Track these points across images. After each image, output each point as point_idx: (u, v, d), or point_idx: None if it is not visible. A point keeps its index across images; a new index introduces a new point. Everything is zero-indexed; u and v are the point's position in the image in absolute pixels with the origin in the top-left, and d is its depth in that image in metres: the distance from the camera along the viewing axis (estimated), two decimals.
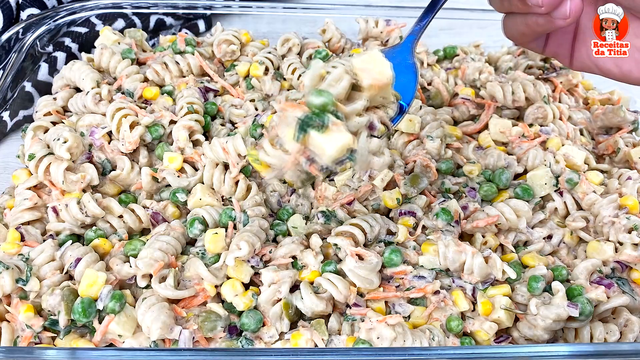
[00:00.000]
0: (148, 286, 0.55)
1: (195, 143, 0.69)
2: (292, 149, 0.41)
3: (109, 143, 0.67)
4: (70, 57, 0.82)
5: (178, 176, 0.65)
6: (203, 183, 0.65)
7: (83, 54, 0.81)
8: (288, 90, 0.80)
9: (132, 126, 0.66)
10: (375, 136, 0.45)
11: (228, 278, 0.56)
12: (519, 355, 0.48)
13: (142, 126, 0.66)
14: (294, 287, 0.56)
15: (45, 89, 0.79)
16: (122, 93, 0.73)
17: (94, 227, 0.61)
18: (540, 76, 0.84)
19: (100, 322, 0.52)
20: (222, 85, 0.80)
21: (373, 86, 0.43)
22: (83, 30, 0.85)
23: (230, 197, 0.64)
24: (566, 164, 0.69)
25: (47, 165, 0.61)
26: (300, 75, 0.79)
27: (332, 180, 0.67)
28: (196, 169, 0.67)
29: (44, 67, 0.80)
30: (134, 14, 0.89)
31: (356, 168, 0.47)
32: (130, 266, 0.55)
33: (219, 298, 0.56)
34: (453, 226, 0.61)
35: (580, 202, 0.67)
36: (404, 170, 0.67)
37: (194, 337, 0.53)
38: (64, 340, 0.53)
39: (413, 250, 0.59)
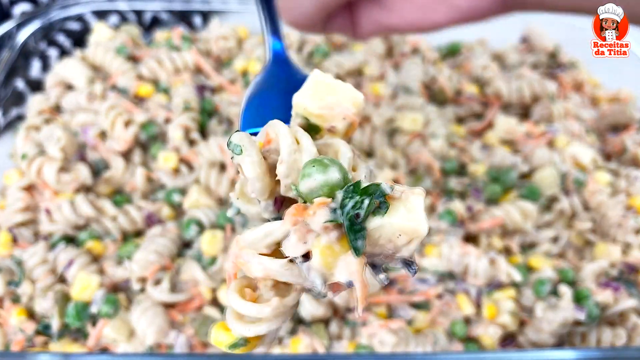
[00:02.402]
0: (143, 290, 0.54)
1: (192, 142, 0.67)
2: (356, 278, 0.26)
3: (103, 142, 0.66)
4: (64, 54, 0.81)
5: (174, 176, 0.64)
6: (199, 183, 0.63)
7: (77, 50, 0.80)
8: None
9: (126, 124, 0.64)
10: None
11: (225, 281, 0.55)
12: None
13: (136, 124, 0.65)
14: None
15: (38, 86, 0.77)
16: (117, 90, 0.71)
17: (87, 229, 0.60)
18: (546, 72, 0.82)
19: (94, 326, 0.51)
20: (219, 83, 0.78)
21: (354, 125, 0.30)
22: (77, 26, 0.84)
23: None
24: (573, 162, 0.68)
25: (39, 165, 0.60)
26: None
27: None
28: (192, 169, 0.65)
29: (36, 65, 0.78)
30: (128, 9, 0.87)
31: None
32: (125, 268, 0.54)
33: (215, 302, 0.55)
34: (457, 227, 0.59)
35: (587, 202, 0.65)
36: (406, 170, 0.66)
37: (190, 342, 0.52)
38: (58, 344, 0.52)
39: (416, 253, 0.58)
